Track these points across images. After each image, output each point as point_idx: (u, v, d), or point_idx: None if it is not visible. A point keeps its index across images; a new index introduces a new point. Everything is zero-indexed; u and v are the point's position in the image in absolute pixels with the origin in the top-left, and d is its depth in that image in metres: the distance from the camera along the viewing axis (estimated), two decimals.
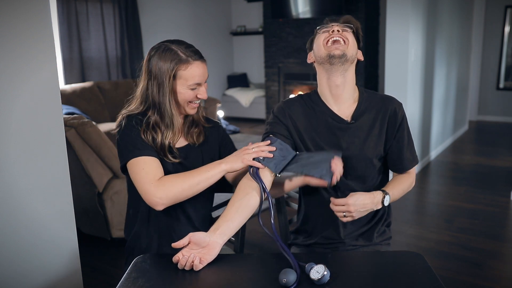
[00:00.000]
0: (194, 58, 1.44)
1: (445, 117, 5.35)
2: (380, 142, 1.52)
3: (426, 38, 4.36)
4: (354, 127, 1.50)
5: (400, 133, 1.53)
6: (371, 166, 1.52)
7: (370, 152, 1.50)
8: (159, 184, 1.36)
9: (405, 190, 1.56)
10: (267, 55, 6.83)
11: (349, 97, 1.52)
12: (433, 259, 2.71)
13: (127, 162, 1.42)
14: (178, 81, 1.44)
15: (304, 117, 1.53)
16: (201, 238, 1.25)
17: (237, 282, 1.22)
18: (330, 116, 1.51)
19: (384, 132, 1.52)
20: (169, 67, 1.42)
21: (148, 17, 6.16)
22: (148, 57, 1.47)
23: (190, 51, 1.45)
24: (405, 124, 1.55)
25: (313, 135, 1.51)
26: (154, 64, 1.44)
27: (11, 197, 1.66)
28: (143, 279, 1.21)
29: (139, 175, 1.38)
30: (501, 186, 3.99)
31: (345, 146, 1.49)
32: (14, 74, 1.63)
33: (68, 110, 4.43)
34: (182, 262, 1.23)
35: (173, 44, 1.45)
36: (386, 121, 1.52)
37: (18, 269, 1.71)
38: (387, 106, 1.52)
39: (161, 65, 1.43)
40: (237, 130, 6.56)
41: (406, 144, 1.54)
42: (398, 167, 1.57)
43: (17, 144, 1.66)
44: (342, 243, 1.56)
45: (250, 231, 2.98)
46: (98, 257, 2.80)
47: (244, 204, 1.35)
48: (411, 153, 1.57)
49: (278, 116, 1.54)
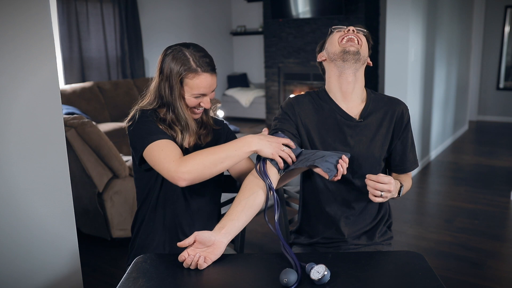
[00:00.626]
0: (203, 70, 1.44)
1: (445, 117, 5.35)
2: (386, 142, 1.54)
3: (426, 38, 4.36)
4: (362, 126, 1.52)
5: (405, 135, 1.55)
6: (377, 165, 1.53)
7: (376, 151, 1.52)
8: (181, 161, 1.33)
9: (408, 188, 1.58)
10: (267, 55, 6.83)
11: (358, 97, 1.53)
12: (433, 259, 2.71)
13: (144, 149, 1.39)
14: (184, 87, 1.45)
15: (313, 114, 1.54)
16: (207, 237, 1.25)
17: (237, 282, 1.22)
18: (339, 113, 1.52)
19: (391, 133, 1.54)
20: (178, 71, 1.43)
21: (148, 17, 6.16)
22: (163, 54, 1.47)
23: (202, 61, 1.44)
24: (410, 127, 1.57)
25: (321, 132, 1.52)
26: (166, 64, 1.45)
27: (11, 197, 1.66)
28: (143, 279, 1.21)
29: (160, 157, 1.35)
30: (501, 186, 3.98)
31: (353, 144, 1.51)
32: (14, 74, 1.63)
33: (68, 110, 4.43)
34: (188, 261, 1.23)
35: (188, 48, 1.45)
36: (393, 122, 1.54)
37: (18, 269, 1.71)
38: (394, 107, 1.55)
39: (172, 67, 1.44)
40: (237, 130, 6.56)
41: (409, 146, 1.57)
42: (400, 167, 1.58)
43: (17, 144, 1.66)
44: (344, 242, 1.56)
45: (251, 231, 2.98)
46: (98, 257, 2.79)
47: (250, 204, 1.35)
48: (413, 155, 1.59)
49: (287, 112, 1.55)
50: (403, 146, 1.56)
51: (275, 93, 6.90)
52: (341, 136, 1.51)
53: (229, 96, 7.51)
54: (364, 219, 1.56)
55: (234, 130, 6.52)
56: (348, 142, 1.51)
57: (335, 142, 1.51)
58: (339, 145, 1.51)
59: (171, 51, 1.46)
